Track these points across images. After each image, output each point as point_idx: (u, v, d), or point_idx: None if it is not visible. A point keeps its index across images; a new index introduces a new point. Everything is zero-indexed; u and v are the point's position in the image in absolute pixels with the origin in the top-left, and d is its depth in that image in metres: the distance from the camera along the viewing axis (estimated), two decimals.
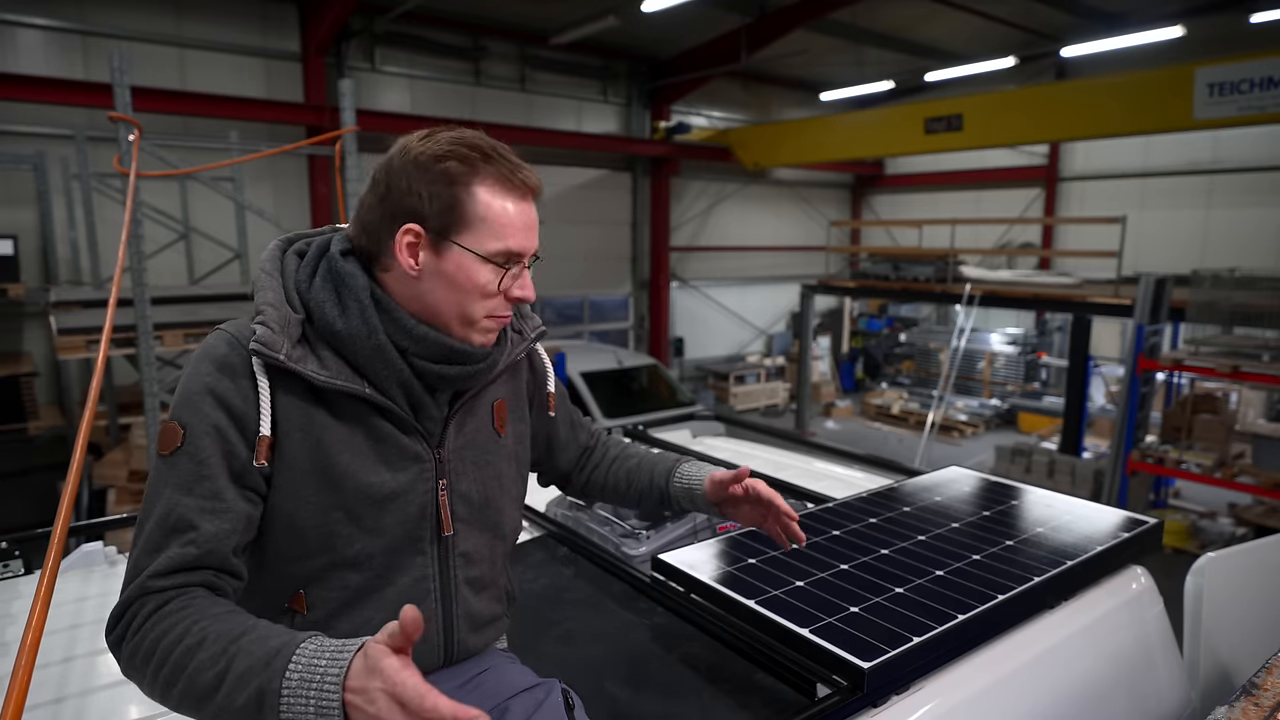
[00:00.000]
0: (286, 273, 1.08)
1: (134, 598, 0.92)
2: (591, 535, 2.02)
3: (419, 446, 1.09)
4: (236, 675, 0.82)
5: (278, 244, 1.14)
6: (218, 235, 7.92)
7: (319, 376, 1.01)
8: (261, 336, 0.98)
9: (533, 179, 1.08)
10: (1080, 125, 9.12)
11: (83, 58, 8.02)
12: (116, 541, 2.13)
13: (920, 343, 15.10)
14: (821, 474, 2.76)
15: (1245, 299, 6.93)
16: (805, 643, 1.31)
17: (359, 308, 1.04)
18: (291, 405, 1.01)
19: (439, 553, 1.12)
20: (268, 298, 1.03)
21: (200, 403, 0.98)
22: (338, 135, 4.28)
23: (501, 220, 1.04)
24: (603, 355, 8.61)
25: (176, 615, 0.90)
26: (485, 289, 1.05)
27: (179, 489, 0.96)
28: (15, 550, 1.92)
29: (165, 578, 0.92)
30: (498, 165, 1.05)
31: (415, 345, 1.05)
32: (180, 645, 0.86)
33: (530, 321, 1.27)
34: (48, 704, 1.42)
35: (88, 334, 4.84)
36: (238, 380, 0.99)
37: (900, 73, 12.88)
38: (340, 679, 0.77)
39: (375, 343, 1.03)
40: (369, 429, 1.05)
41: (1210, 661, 1.77)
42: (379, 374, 1.05)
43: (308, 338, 1.04)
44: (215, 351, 1.01)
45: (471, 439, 1.16)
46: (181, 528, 0.94)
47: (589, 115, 12.46)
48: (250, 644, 0.84)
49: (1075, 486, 8.21)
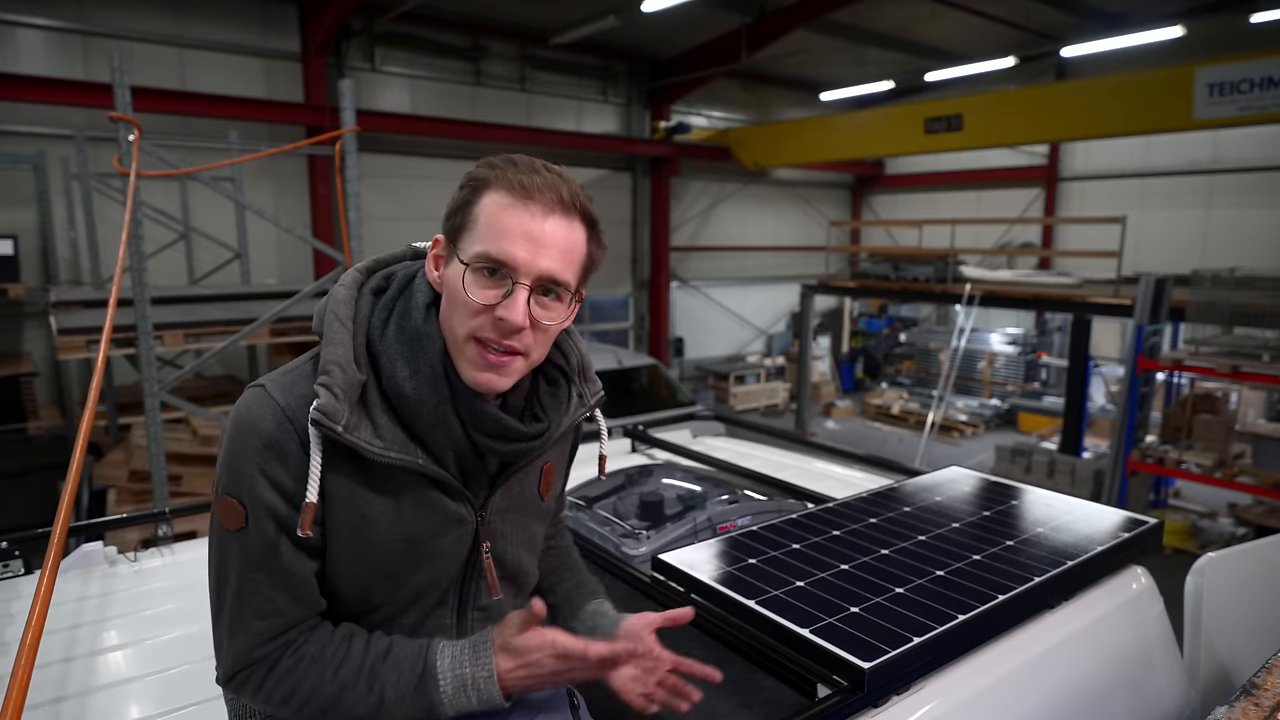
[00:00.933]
0: (359, 318, 1.00)
1: (241, 666, 0.99)
2: (592, 535, 2.02)
3: (463, 510, 1.05)
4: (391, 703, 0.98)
5: (355, 276, 1.05)
6: (218, 235, 7.93)
7: (373, 449, 0.95)
8: (324, 406, 0.91)
9: (550, 186, 0.96)
10: (1080, 125, 9.13)
11: (83, 58, 8.02)
12: (116, 541, 2.13)
13: (920, 343, 15.10)
14: (821, 474, 2.76)
15: (1245, 299, 6.93)
16: (805, 643, 1.31)
17: (431, 372, 0.98)
18: (341, 474, 0.97)
19: (460, 612, 1.11)
20: (336, 355, 0.95)
21: (255, 485, 0.94)
22: (338, 135, 4.28)
23: (492, 222, 0.95)
24: (603, 355, 8.60)
25: (296, 672, 0.98)
26: (465, 300, 0.95)
27: (253, 566, 0.97)
28: (15, 550, 1.92)
29: (264, 646, 0.98)
30: (517, 172, 0.96)
31: (472, 417, 1.00)
32: (319, 694, 0.98)
33: (591, 386, 1.17)
34: (47, 704, 1.42)
35: (88, 334, 4.85)
36: (287, 461, 0.94)
37: (900, 73, 12.88)
38: (492, 671, 0.97)
39: (441, 413, 0.98)
40: (416, 496, 1.01)
41: (1210, 661, 1.77)
42: (438, 442, 0.99)
43: (366, 400, 0.97)
44: (261, 426, 0.94)
45: (515, 502, 1.12)
46: (260, 604, 0.98)
47: (589, 115, 12.46)
48: (389, 671, 0.99)
49: (1075, 486, 8.21)
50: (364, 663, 0.99)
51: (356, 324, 1.00)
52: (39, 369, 7.14)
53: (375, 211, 9.67)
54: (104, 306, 2.45)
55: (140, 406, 4.40)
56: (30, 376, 6.65)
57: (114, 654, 1.61)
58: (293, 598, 0.99)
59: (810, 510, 1.91)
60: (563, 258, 0.97)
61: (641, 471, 2.54)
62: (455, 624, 1.11)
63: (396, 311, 1.02)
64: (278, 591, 0.98)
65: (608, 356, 8.50)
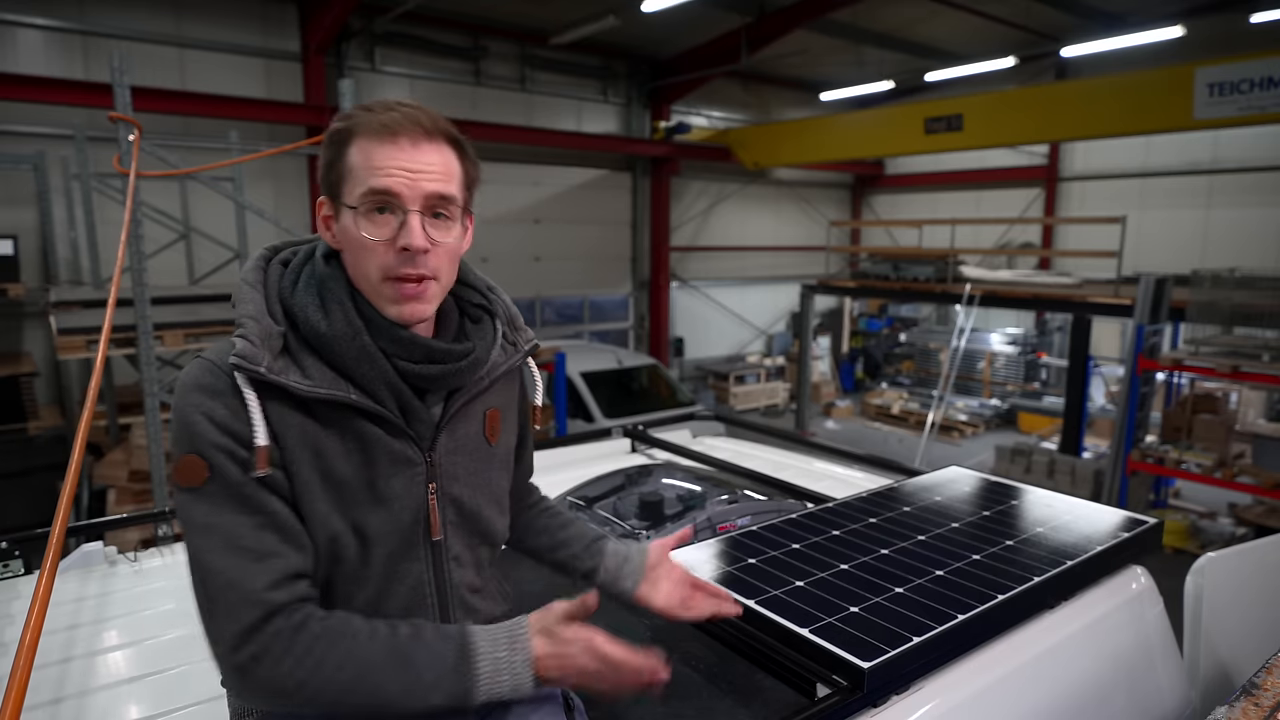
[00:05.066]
0: (269, 283, 1.06)
1: (249, 628, 0.93)
2: None
3: (410, 450, 1.07)
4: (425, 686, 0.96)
5: (262, 254, 1.11)
6: (218, 235, 7.92)
7: (301, 386, 0.98)
8: (241, 350, 0.96)
9: (410, 119, 1.00)
10: (1080, 125, 9.13)
11: (83, 58, 8.02)
12: (116, 541, 2.13)
13: (920, 343, 15.10)
14: (821, 474, 2.76)
15: (1245, 299, 6.93)
16: (805, 643, 1.31)
17: (341, 309, 1.02)
18: (284, 418, 0.99)
19: (433, 558, 1.11)
20: (248, 310, 1.01)
21: (205, 431, 0.96)
22: None
23: (366, 164, 0.99)
24: (603, 355, 8.61)
25: (327, 639, 0.95)
26: (365, 243, 1.00)
27: (231, 510, 0.96)
28: (15, 550, 1.92)
29: (271, 594, 0.94)
30: (374, 114, 1.00)
31: (392, 346, 1.03)
32: (345, 671, 0.94)
33: (524, 334, 1.24)
34: (47, 704, 1.42)
35: (88, 334, 4.84)
36: (225, 399, 0.97)
37: (900, 73, 12.88)
38: (529, 656, 0.98)
39: (360, 343, 1.01)
40: (358, 435, 1.03)
41: (1210, 661, 1.77)
42: (366, 377, 1.02)
43: (290, 348, 1.01)
44: (198, 379, 0.98)
45: (463, 444, 1.14)
46: (251, 545, 0.95)
47: (589, 115, 12.46)
48: (421, 651, 0.98)
49: (1075, 486, 8.21)
50: (394, 640, 0.97)
51: (268, 287, 1.05)
52: (39, 369, 7.14)
53: None
54: (104, 306, 2.45)
55: (140, 406, 4.40)
56: (30, 376, 6.65)
57: (114, 654, 1.61)
58: (282, 537, 0.97)
59: (810, 510, 1.91)
60: (442, 177, 1.02)
61: (641, 471, 2.54)
62: (432, 579, 1.11)
63: (304, 271, 1.08)
64: (264, 531, 0.96)
65: (608, 356, 8.50)
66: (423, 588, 1.10)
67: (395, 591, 1.08)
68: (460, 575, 1.14)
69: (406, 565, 1.09)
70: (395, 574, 1.08)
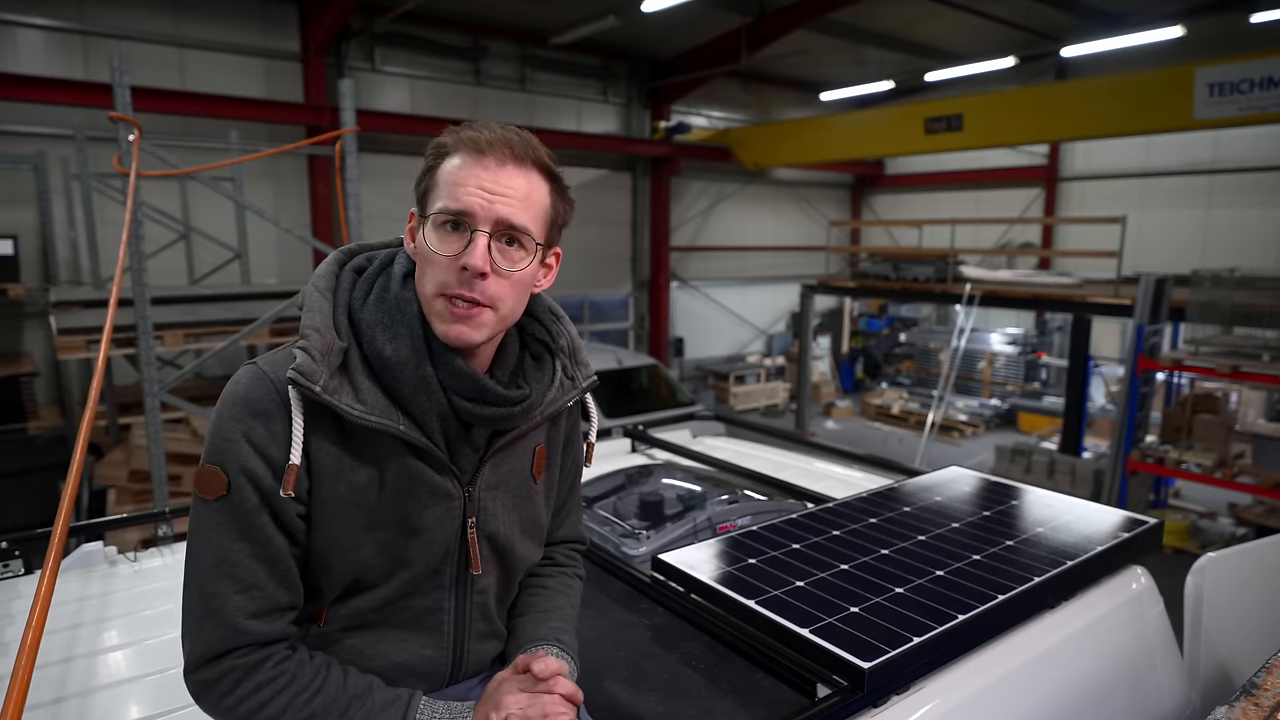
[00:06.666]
0: (340, 291, 1.04)
1: (216, 653, 0.95)
2: (591, 535, 2.02)
3: (450, 484, 1.05)
4: None
5: (336, 257, 1.08)
6: (218, 235, 7.92)
7: (353, 411, 0.96)
8: (301, 365, 0.93)
9: (502, 140, 0.98)
10: (1080, 125, 9.12)
11: (83, 58, 8.02)
12: (116, 541, 2.13)
13: (920, 343, 15.10)
14: (821, 474, 2.76)
15: (1245, 299, 6.93)
16: (805, 643, 1.31)
17: (410, 335, 1.00)
18: (325, 441, 0.98)
19: (459, 590, 1.11)
20: (314, 320, 0.98)
21: (239, 451, 0.94)
22: (338, 135, 4.27)
23: (450, 180, 0.98)
24: (603, 355, 8.60)
25: (273, 687, 0.95)
26: (431, 256, 0.98)
27: (233, 535, 0.95)
28: (15, 550, 1.92)
29: (246, 624, 0.95)
30: (473, 132, 0.99)
31: (452, 380, 1.01)
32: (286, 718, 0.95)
33: (584, 369, 1.18)
34: (48, 704, 1.42)
35: (88, 334, 4.84)
36: (272, 427, 0.95)
37: (900, 73, 12.87)
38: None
39: (422, 373, 0.99)
40: (399, 465, 1.01)
41: (1210, 661, 1.77)
42: (421, 406, 1.00)
43: (348, 366, 0.99)
44: (248, 393, 0.96)
45: (505, 480, 1.11)
46: (240, 575, 0.95)
47: (589, 115, 12.46)
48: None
49: (1075, 486, 8.21)
50: (340, 696, 0.98)
51: (337, 296, 1.03)
52: (39, 369, 7.15)
53: (375, 211, 9.62)
54: (104, 306, 2.46)
55: (140, 406, 4.40)
56: (30, 376, 6.65)
57: (114, 654, 1.61)
58: (273, 571, 0.97)
59: (810, 510, 1.91)
60: (519, 205, 0.99)
61: (641, 471, 2.54)
62: (454, 608, 1.11)
63: (377, 285, 1.05)
64: (259, 563, 0.96)
65: (608, 356, 8.50)
66: (441, 613, 1.10)
67: (414, 607, 1.08)
68: (480, 601, 1.14)
69: (429, 590, 1.09)
70: (417, 593, 1.08)
